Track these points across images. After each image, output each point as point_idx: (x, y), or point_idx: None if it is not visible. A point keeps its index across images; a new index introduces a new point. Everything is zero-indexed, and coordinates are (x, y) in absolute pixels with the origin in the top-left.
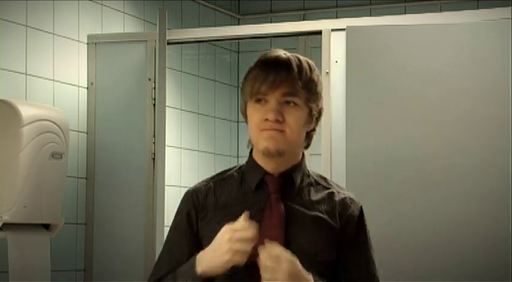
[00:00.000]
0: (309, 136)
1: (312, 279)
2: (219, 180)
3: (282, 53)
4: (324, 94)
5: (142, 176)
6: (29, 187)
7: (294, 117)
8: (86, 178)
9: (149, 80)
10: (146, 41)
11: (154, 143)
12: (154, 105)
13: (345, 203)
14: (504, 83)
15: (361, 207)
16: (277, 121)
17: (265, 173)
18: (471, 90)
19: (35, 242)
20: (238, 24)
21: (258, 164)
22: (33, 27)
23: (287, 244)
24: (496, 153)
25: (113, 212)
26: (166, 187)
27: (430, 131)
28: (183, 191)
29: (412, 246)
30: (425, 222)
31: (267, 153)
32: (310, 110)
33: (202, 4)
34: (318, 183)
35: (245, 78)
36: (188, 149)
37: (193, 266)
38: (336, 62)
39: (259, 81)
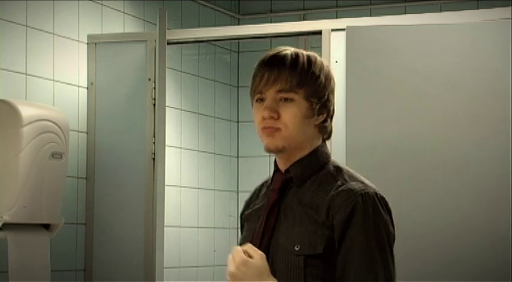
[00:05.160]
0: (320, 127)
1: None
2: (268, 178)
3: (281, 49)
4: None
5: (142, 176)
6: (29, 187)
7: (289, 114)
8: (86, 178)
9: (149, 80)
10: (146, 41)
11: (154, 143)
12: (154, 105)
13: (339, 196)
14: (504, 83)
15: (357, 201)
16: (272, 118)
17: (277, 170)
18: (471, 90)
19: (35, 242)
20: (238, 24)
21: (276, 163)
22: (33, 27)
23: (273, 242)
24: (495, 152)
25: (113, 212)
26: (166, 187)
27: (429, 131)
28: (183, 191)
29: (409, 244)
30: (424, 219)
31: (268, 152)
32: (311, 104)
33: (202, 4)
34: (327, 176)
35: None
36: (188, 149)
37: None
38: (336, 62)
39: (256, 81)
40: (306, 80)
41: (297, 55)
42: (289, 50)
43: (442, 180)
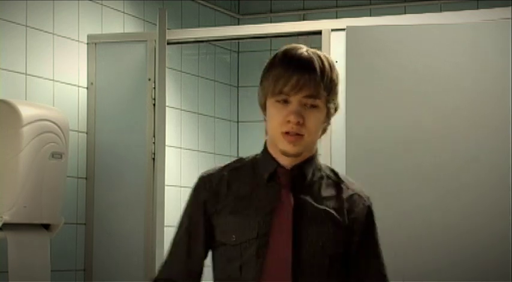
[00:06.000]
0: (324, 128)
1: None
2: (233, 169)
3: (304, 50)
4: None
5: (142, 176)
6: (29, 187)
7: (313, 120)
8: (86, 178)
9: (149, 80)
10: (146, 41)
11: (154, 143)
12: (154, 105)
13: (352, 200)
14: (504, 83)
15: (369, 205)
16: (297, 124)
17: (278, 165)
18: (471, 90)
19: (35, 242)
20: (238, 24)
21: (271, 156)
22: (33, 27)
23: (296, 236)
24: (495, 152)
25: (113, 212)
26: (166, 187)
27: (429, 131)
28: (183, 191)
29: (409, 244)
30: (424, 219)
31: (285, 155)
32: (328, 110)
33: (202, 4)
34: (328, 178)
35: (265, 72)
36: (188, 149)
37: None
38: (336, 62)
39: (281, 82)
40: (329, 87)
41: (321, 60)
42: (310, 51)
43: (442, 180)
